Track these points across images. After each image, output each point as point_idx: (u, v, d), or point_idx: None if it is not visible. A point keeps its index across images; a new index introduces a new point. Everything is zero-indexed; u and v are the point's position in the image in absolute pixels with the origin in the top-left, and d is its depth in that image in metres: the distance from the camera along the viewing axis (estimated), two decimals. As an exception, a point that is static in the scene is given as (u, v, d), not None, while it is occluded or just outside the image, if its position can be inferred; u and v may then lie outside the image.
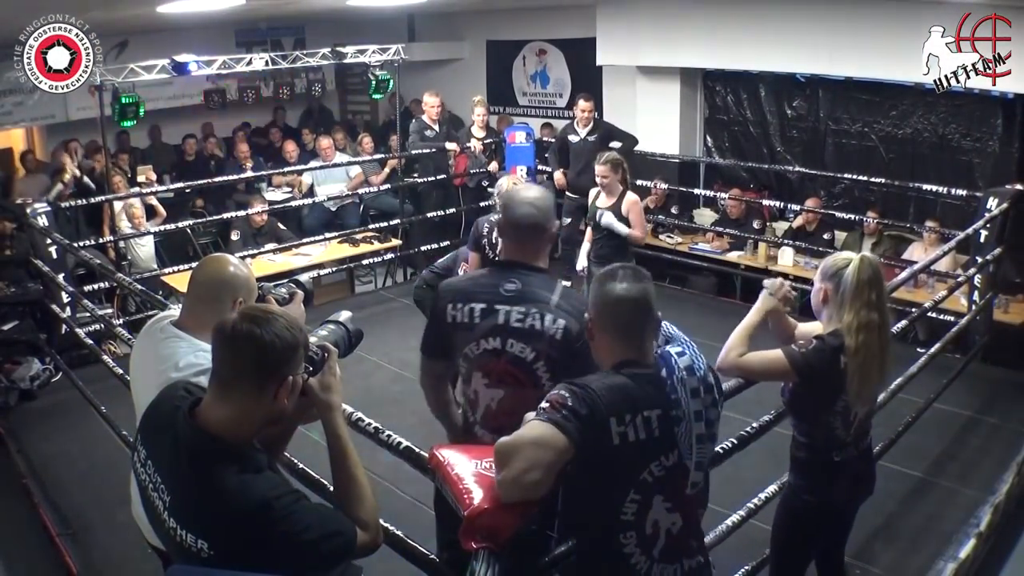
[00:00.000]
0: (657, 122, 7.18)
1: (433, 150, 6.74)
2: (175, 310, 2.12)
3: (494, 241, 3.97)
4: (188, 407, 1.48)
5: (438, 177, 6.90)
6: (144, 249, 6.37)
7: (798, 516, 2.38)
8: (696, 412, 1.64)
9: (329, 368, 1.60)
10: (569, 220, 5.86)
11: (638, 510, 1.61)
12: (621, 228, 4.56)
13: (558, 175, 6.32)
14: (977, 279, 4.76)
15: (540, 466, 1.50)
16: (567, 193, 6.13)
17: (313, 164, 7.40)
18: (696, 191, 7.06)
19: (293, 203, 7.04)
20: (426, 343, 2.27)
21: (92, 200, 6.05)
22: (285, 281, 2.00)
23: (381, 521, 1.95)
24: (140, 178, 6.91)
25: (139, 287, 3.77)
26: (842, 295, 2.19)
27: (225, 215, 6.63)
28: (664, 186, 6.79)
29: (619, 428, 1.57)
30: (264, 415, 1.47)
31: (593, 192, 4.80)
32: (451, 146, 6.79)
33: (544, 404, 1.59)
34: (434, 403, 2.36)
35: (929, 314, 4.19)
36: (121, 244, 6.09)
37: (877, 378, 2.21)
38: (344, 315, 1.83)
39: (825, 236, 6.12)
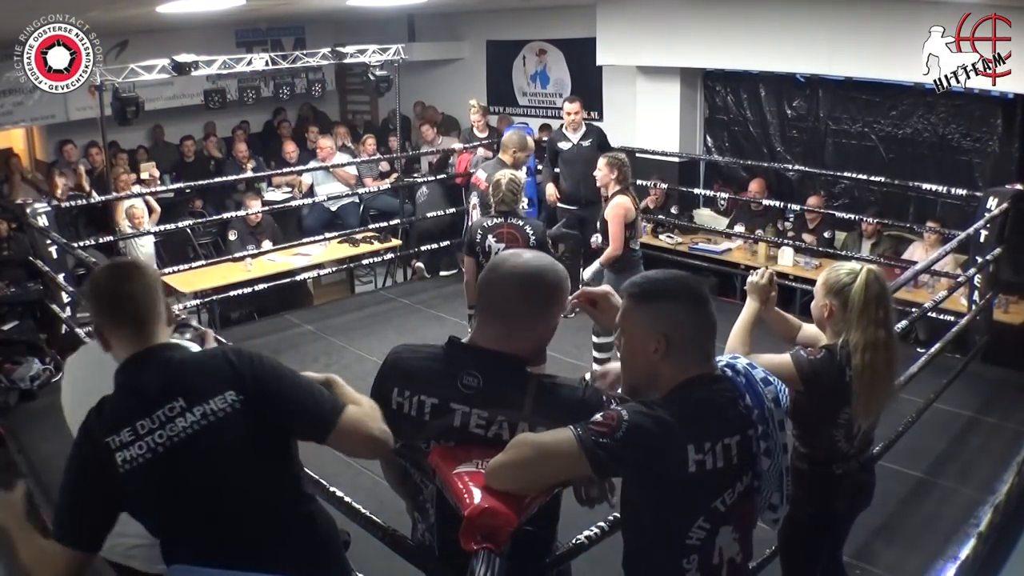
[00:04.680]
0: (657, 122, 7.18)
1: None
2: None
3: (487, 248, 3.92)
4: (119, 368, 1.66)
5: (438, 177, 6.92)
6: (144, 249, 6.37)
7: (801, 528, 2.37)
8: (784, 445, 1.59)
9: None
10: (576, 232, 5.74)
11: (705, 537, 1.53)
12: (595, 267, 4.44)
13: (550, 188, 6.07)
14: (977, 279, 4.76)
15: (539, 471, 1.49)
16: (560, 205, 5.97)
17: (313, 164, 7.40)
18: (696, 191, 7.07)
19: (293, 203, 7.04)
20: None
21: (92, 200, 6.05)
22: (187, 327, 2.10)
23: (381, 521, 1.95)
24: (143, 175, 6.91)
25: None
26: (849, 312, 2.16)
27: (224, 215, 6.64)
28: (663, 186, 6.80)
29: (697, 456, 1.48)
30: (164, 333, 1.70)
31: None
32: (457, 146, 6.84)
33: (599, 417, 1.49)
34: (391, 479, 1.90)
35: (929, 314, 4.19)
36: (121, 244, 6.10)
37: (884, 395, 2.19)
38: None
39: (825, 235, 6.12)
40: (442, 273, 6.84)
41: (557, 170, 6.08)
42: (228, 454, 1.56)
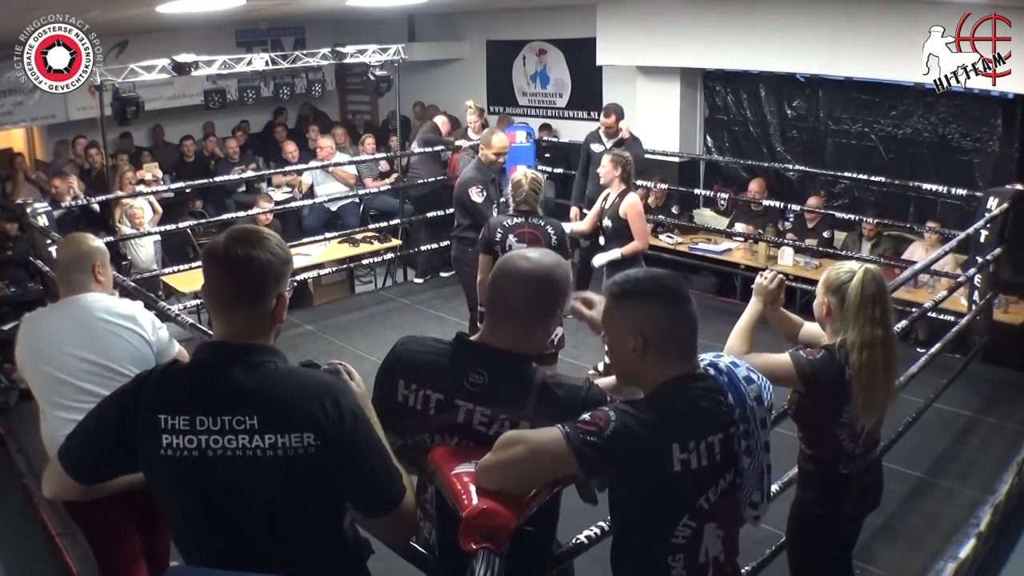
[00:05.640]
0: (657, 122, 7.18)
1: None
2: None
3: (508, 248, 3.93)
4: (205, 344, 1.55)
5: (438, 178, 6.91)
6: (144, 250, 6.37)
7: (810, 529, 2.37)
8: (766, 443, 1.60)
9: (356, 377, 1.66)
10: (588, 243, 5.72)
11: (691, 535, 1.54)
12: (615, 255, 4.46)
13: (574, 212, 5.93)
14: (977, 279, 4.76)
15: (527, 470, 1.49)
16: (585, 211, 5.78)
17: (313, 164, 7.40)
18: (696, 191, 7.08)
19: (293, 203, 7.04)
20: (375, 401, 1.73)
21: (91, 201, 6.05)
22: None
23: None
24: (147, 175, 6.91)
25: (132, 284, 3.78)
26: (846, 310, 2.16)
27: (225, 215, 6.63)
28: (663, 186, 6.80)
29: (682, 455, 1.49)
30: (269, 330, 1.54)
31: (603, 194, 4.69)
32: (462, 142, 6.81)
33: (586, 416, 1.50)
34: None
35: (929, 314, 4.20)
36: (120, 244, 6.09)
37: (883, 394, 2.18)
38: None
39: (825, 235, 6.13)
40: (442, 274, 6.83)
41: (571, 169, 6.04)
42: (278, 489, 1.47)
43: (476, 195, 4.62)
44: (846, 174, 6.12)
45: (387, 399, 1.71)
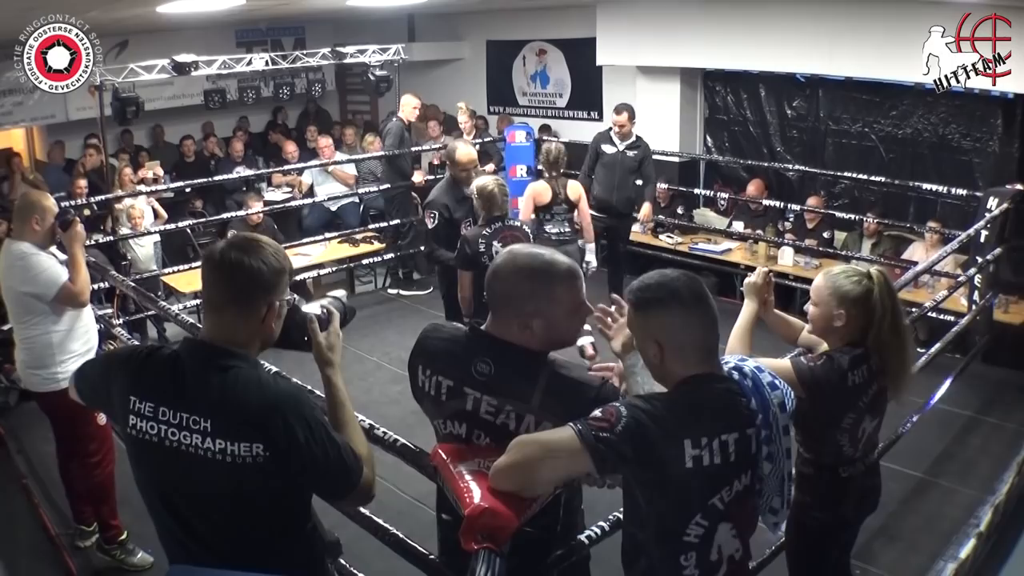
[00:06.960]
0: (657, 122, 7.18)
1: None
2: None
3: (495, 255, 3.84)
4: (189, 339, 1.62)
5: (397, 184, 6.83)
6: (143, 250, 6.37)
7: (809, 533, 2.37)
8: (787, 450, 1.60)
9: (332, 329, 1.70)
10: (604, 242, 5.60)
11: (703, 534, 1.53)
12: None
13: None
14: (977, 279, 4.76)
15: (542, 470, 1.49)
16: (594, 213, 5.57)
17: (312, 163, 7.39)
18: (696, 191, 7.07)
19: (293, 203, 7.03)
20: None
21: (94, 200, 6.05)
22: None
23: (381, 521, 1.96)
24: (148, 174, 6.91)
25: (132, 284, 3.77)
26: (875, 315, 2.18)
27: (224, 215, 6.64)
28: (663, 186, 6.80)
29: (694, 451, 1.48)
30: (254, 336, 1.58)
31: None
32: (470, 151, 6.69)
33: (597, 412, 1.49)
34: None
35: (929, 314, 4.19)
36: (120, 244, 6.09)
37: (907, 376, 2.26)
38: (340, 292, 1.85)
39: (825, 235, 6.13)
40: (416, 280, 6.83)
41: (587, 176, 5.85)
42: (227, 490, 1.50)
43: (428, 221, 4.38)
44: (846, 174, 6.12)
45: (413, 384, 1.81)
